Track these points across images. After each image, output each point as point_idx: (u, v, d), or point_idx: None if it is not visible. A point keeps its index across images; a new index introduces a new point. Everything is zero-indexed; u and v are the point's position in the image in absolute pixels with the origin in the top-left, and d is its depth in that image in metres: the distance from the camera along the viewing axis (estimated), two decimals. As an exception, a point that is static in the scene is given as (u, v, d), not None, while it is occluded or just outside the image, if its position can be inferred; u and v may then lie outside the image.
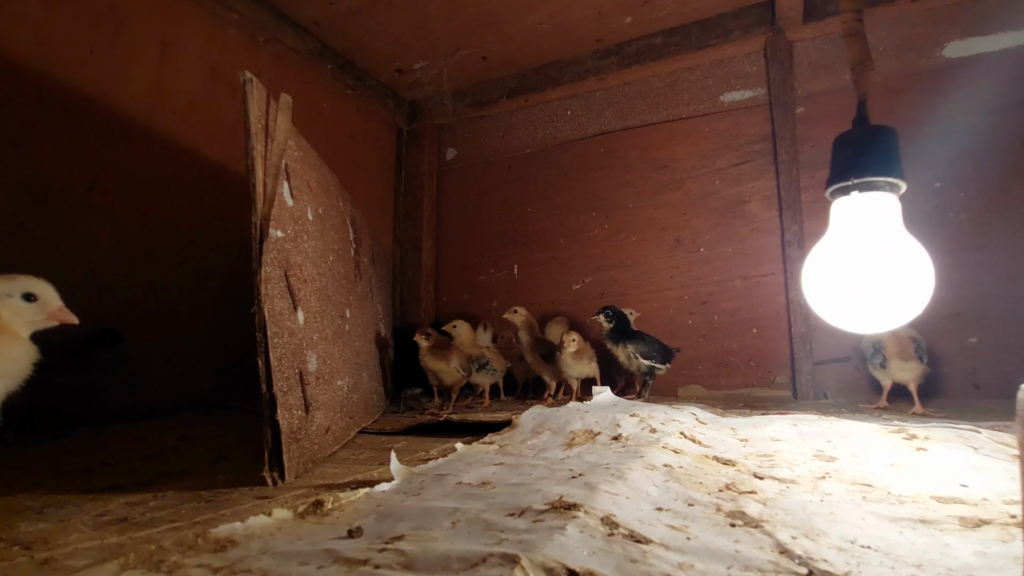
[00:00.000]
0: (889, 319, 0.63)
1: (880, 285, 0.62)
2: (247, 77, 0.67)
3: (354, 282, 1.13)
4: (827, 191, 0.68)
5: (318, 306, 0.84)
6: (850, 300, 0.64)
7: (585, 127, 1.73)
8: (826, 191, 0.68)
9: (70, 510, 0.53)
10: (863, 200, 0.64)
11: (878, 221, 0.64)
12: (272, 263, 0.68)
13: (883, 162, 0.63)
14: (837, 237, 0.66)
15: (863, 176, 0.63)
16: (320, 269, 0.88)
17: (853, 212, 0.65)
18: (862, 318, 0.64)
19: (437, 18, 1.47)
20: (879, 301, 0.63)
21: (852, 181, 0.64)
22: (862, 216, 0.64)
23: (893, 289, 0.62)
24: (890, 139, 0.64)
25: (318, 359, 0.80)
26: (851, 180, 0.64)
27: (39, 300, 0.59)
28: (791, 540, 0.40)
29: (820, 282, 0.68)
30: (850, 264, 0.64)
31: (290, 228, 0.76)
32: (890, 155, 0.64)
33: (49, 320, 0.61)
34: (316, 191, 0.92)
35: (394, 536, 0.40)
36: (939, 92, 1.27)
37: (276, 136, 0.73)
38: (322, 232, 0.92)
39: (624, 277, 1.61)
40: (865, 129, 0.65)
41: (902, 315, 0.62)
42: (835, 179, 0.66)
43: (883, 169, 0.63)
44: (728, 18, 1.48)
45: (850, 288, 0.64)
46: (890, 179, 0.63)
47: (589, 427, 0.83)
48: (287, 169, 0.76)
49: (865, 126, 0.66)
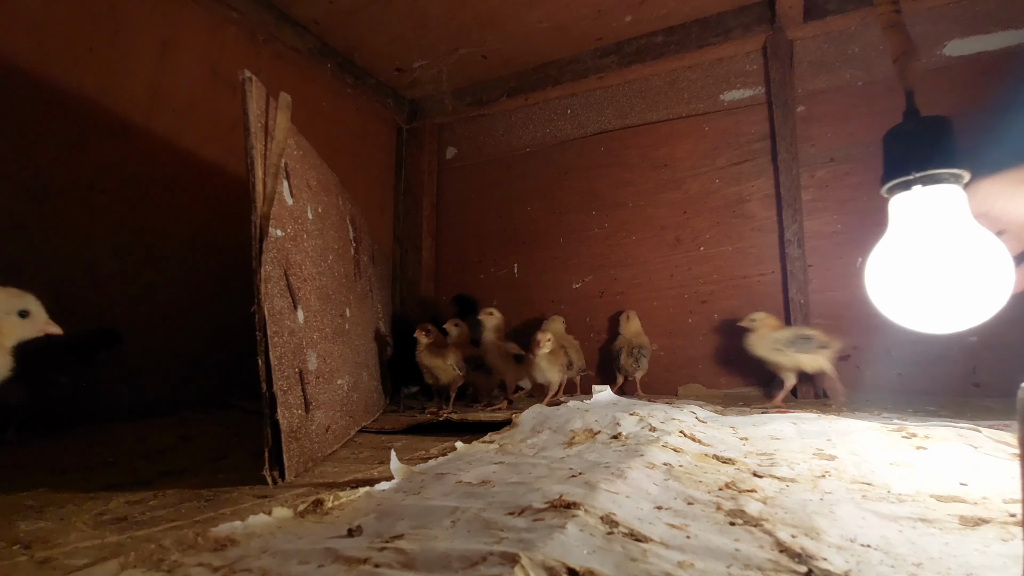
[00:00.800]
0: (969, 315, 0.59)
1: (958, 281, 0.58)
2: (246, 76, 0.67)
3: (354, 281, 1.13)
4: (883, 188, 0.64)
5: (318, 305, 0.84)
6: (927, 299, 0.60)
7: (585, 126, 1.72)
8: (882, 188, 0.64)
9: (70, 509, 0.52)
10: (927, 194, 0.61)
11: (946, 214, 0.60)
12: (272, 262, 0.68)
13: (944, 153, 0.60)
14: (902, 235, 0.62)
15: (925, 169, 0.60)
16: (320, 268, 0.87)
17: (917, 207, 0.62)
18: (939, 317, 0.61)
19: (437, 17, 1.47)
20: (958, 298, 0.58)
21: (913, 175, 0.60)
22: (928, 211, 0.61)
23: (973, 284, 0.58)
24: (947, 128, 0.61)
25: (318, 358, 0.80)
26: (912, 174, 0.60)
27: (31, 316, 0.64)
28: (791, 539, 0.40)
29: (889, 283, 0.64)
30: (921, 262, 0.60)
31: (290, 227, 0.75)
32: (950, 145, 0.60)
33: (38, 333, 0.66)
34: (316, 190, 0.92)
35: (394, 535, 0.40)
36: (940, 91, 1.27)
37: (276, 135, 0.73)
38: (322, 231, 0.92)
39: (624, 276, 1.61)
40: (919, 121, 0.62)
41: (983, 309, 0.59)
42: (892, 174, 0.62)
43: (945, 160, 0.59)
44: (728, 17, 1.48)
45: (927, 287, 0.60)
46: (953, 170, 0.59)
47: (589, 426, 0.83)
48: (287, 168, 0.76)
49: (917, 117, 0.63)
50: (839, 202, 1.36)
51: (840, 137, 1.38)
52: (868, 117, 1.35)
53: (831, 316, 1.34)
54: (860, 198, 1.32)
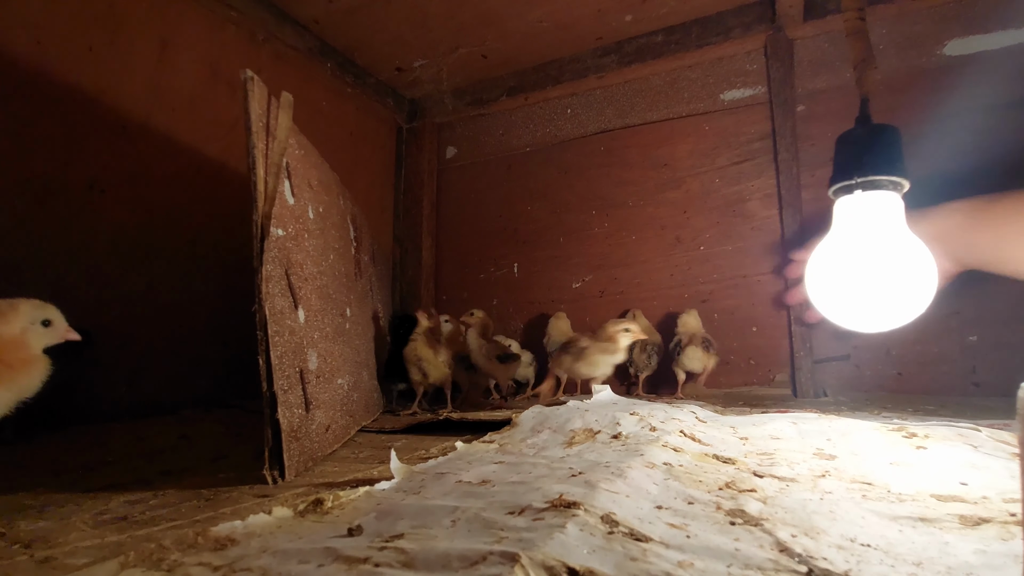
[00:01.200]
0: (893, 317, 0.63)
1: (884, 283, 0.62)
2: (248, 75, 0.67)
3: (355, 280, 1.13)
4: (830, 190, 0.68)
5: (319, 304, 0.83)
6: (854, 299, 0.65)
7: (585, 125, 1.72)
8: (829, 189, 0.68)
9: (70, 508, 0.52)
10: (866, 199, 0.64)
11: (881, 220, 0.64)
12: (273, 261, 0.68)
13: (886, 161, 0.63)
14: (840, 236, 0.66)
15: (867, 175, 0.63)
16: (321, 267, 0.87)
17: (856, 211, 0.65)
18: (866, 317, 0.64)
19: (437, 16, 1.47)
20: (883, 299, 0.63)
21: (855, 180, 0.64)
22: (865, 215, 0.65)
23: (897, 287, 0.62)
24: (893, 138, 0.64)
25: (319, 357, 0.80)
26: (854, 179, 0.64)
27: (53, 324, 0.67)
28: (791, 538, 0.40)
29: (823, 280, 0.68)
30: (853, 263, 0.64)
31: (291, 226, 0.75)
32: (893, 154, 0.64)
33: (60, 340, 0.68)
34: (317, 189, 0.91)
35: (394, 534, 0.40)
36: (940, 90, 1.27)
37: (277, 134, 0.73)
38: (323, 230, 0.91)
39: (624, 275, 1.61)
40: (868, 128, 0.66)
41: (906, 313, 0.63)
42: (838, 178, 0.66)
43: (886, 168, 0.63)
44: (728, 16, 1.47)
45: (854, 287, 0.64)
46: (893, 178, 0.63)
47: (589, 426, 0.83)
48: (288, 167, 0.76)
49: (868, 125, 0.66)
50: (839, 202, 1.36)
51: (840, 137, 1.38)
52: (868, 116, 1.35)
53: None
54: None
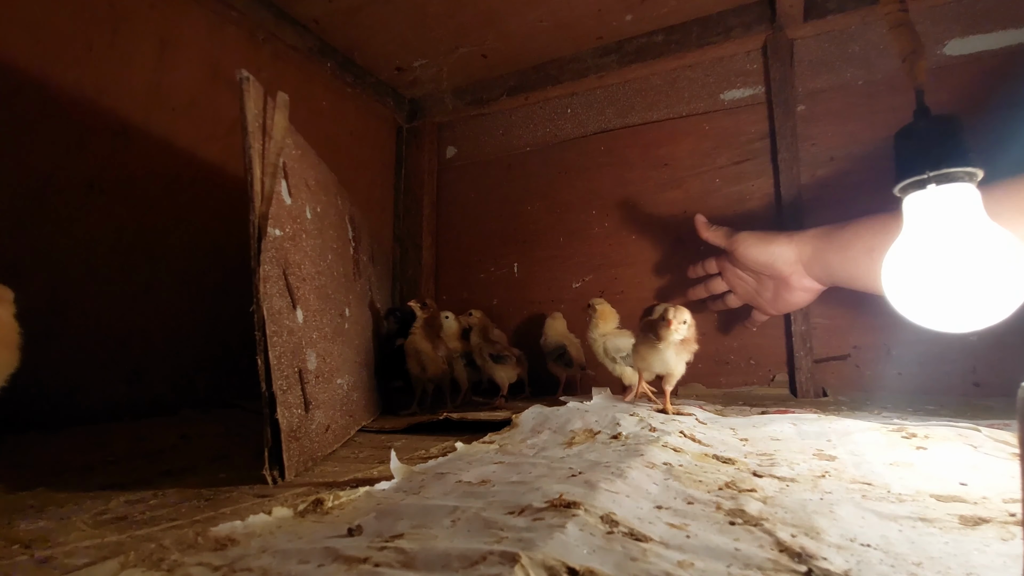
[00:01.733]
0: (987, 314, 0.59)
1: (977, 280, 0.58)
2: (244, 75, 0.67)
3: (353, 280, 1.13)
4: (896, 188, 0.64)
5: (317, 304, 0.83)
6: (943, 298, 0.60)
7: (585, 125, 1.72)
8: (895, 188, 0.64)
9: (70, 508, 0.52)
10: (941, 193, 0.61)
11: (962, 213, 0.60)
12: (270, 262, 0.68)
13: (957, 151, 0.60)
14: (918, 234, 0.62)
15: (939, 168, 0.60)
16: (319, 267, 0.87)
17: (932, 206, 0.62)
18: (957, 316, 0.60)
19: (437, 16, 1.47)
20: (976, 296, 0.58)
21: (928, 174, 0.60)
22: (943, 210, 0.61)
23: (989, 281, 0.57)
24: (957, 127, 0.61)
25: (317, 357, 0.80)
26: (926, 173, 0.60)
27: None
28: (791, 538, 0.40)
29: (906, 282, 0.64)
30: (937, 260, 0.60)
31: (288, 227, 0.75)
32: (962, 143, 0.60)
33: None
34: (314, 189, 0.91)
35: (394, 534, 0.40)
36: (940, 90, 1.27)
37: (274, 135, 0.73)
38: (321, 230, 0.91)
39: (625, 275, 1.61)
40: (930, 119, 0.62)
41: (1001, 309, 0.58)
42: (906, 174, 0.62)
43: (958, 159, 0.59)
44: (728, 16, 1.47)
45: (942, 286, 0.60)
46: (967, 168, 0.59)
47: (589, 426, 0.83)
48: (285, 168, 0.76)
49: (928, 116, 0.63)
50: (839, 201, 1.36)
51: (840, 136, 1.38)
52: (868, 116, 1.35)
53: (831, 315, 1.34)
54: (860, 197, 1.32)
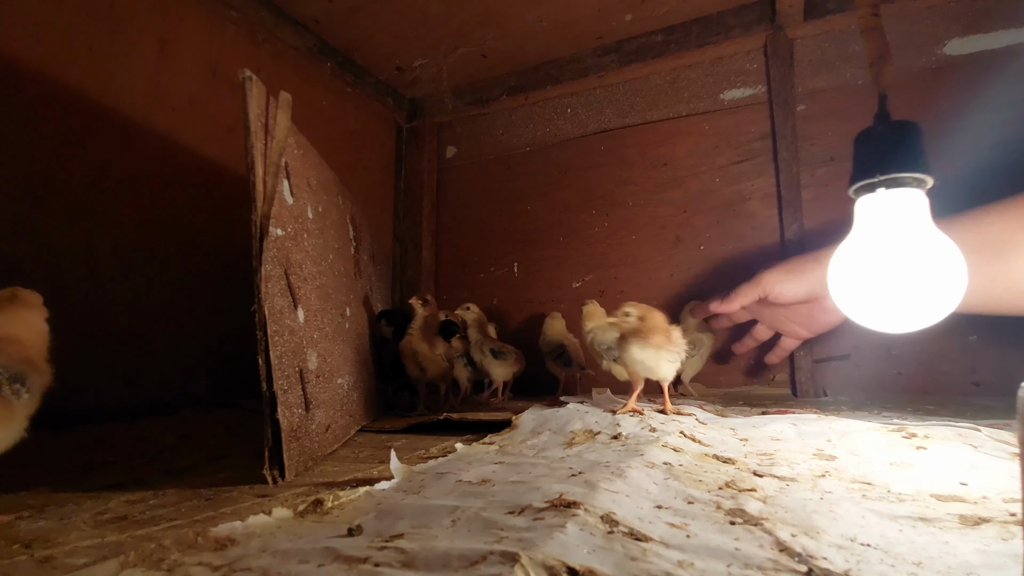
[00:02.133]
0: (924, 315, 0.61)
1: (913, 281, 0.60)
2: (247, 75, 0.67)
3: (354, 280, 1.13)
4: (850, 189, 0.65)
5: (319, 304, 0.84)
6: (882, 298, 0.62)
7: (585, 125, 1.72)
8: (849, 189, 0.65)
9: (70, 508, 0.53)
10: (890, 197, 0.62)
11: (906, 218, 0.61)
12: (272, 261, 0.68)
13: (909, 157, 0.61)
14: (864, 235, 0.64)
15: (889, 172, 0.61)
16: (320, 267, 0.87)
17: (880, 209, 0.63)
18: (895, 316, 0.62)
19: (437, 15, 1.47)
20: (913, 298, 0.60)
21: (878, 178, 0.61)
22: (889, 213, 0.62)
23: (926, 285, 0.59)
24: (914, 134, 0.62)
25: (318, 357, 0.80)
26: (876, 177, 0.62)
27: None
28: (791, 538, 0.40)
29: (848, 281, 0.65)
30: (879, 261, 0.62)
31: (290, 226, 0.76)
32: (915, 150, 0.61)
33: None
34: (316, 189, 0.92)
35: (394, 534, 0.40)
36: (940, 90, 1.27)
37: (276, 134, 0.73)
38: (322, 230, 0.92)
39: (624, 275, 1.61)
40: (888, 124, 0.63)
41: (936, 312, 0.60)
42: (859, 176, 0.63)
43: (909, 165, 0.61)
44: (728, 15, 1.47)
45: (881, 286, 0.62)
46: (916, 175, 0.60)
47: (589, 426, 0.83)
48: (287, 167, 0.76)
49: (888, 121, 0.63)
50: (839, 201, 1.36)
51: (840, 136, 1.38)
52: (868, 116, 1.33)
53: (831, 315, 1.34)
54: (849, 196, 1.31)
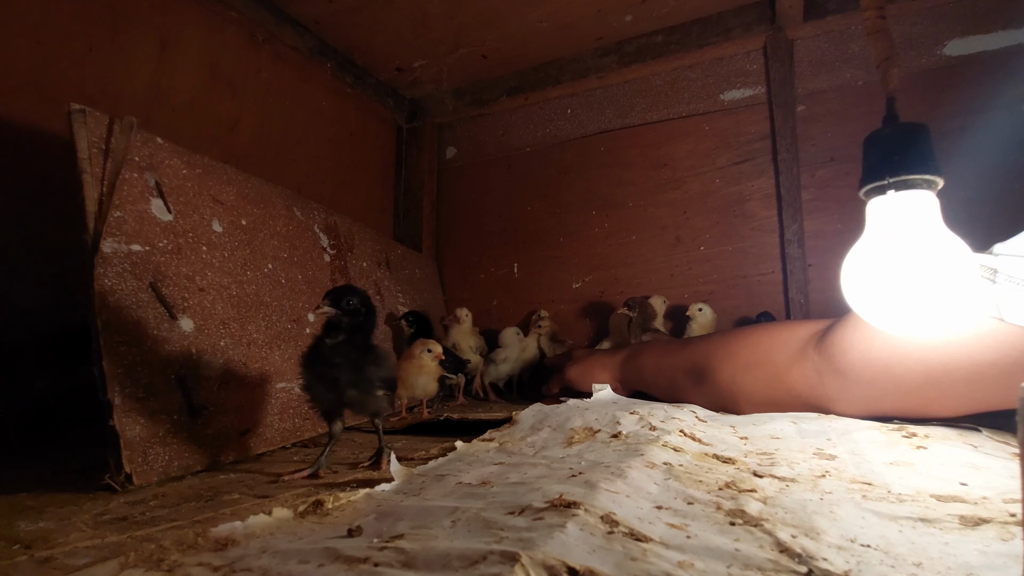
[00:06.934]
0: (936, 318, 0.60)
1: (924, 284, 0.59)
2: (75, 108, 0.71)
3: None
4: (861, 191, 0.65)
5: (233, 312, 0.87)
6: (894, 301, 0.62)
7: (585, 125, 1.72)
8: (860, 191, 0.66)
9: (70, 509, 0.53)
10: (900, 199, 0.62)
11: (918, 219, 0.61)
12: (116, 276, 0.72)
13: (919, 159, 0.61)
14: (876, 238, 0.64)
15: (899, 174, 0.61)
16: (243, 277, 0.92)
17: (891, 212, 0.63)
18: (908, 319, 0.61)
19: (437, 16, 1.47)
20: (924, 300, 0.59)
21: (888, 180, 0.61)
22: (900, 215, 0.62)
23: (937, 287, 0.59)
24: (924, 135, 0.62)
25: (232, 363, 0.84)
26: (887, 179, 0.61)
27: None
28: (791, 538, 0.40)
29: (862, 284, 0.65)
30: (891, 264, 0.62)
31: (163, 241, 0.79)
32: (925, 152, 0.61)
33: None
34: (233, 203, 0.95)
35: (394, 535, 0.40)
36: (940, 90, 1.27)
37: (114, 156, 0.76)
38: (248, 242, 0.96)
39: (624, 275, 1.61)
40: (897, 126, 0.63)
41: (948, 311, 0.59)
42: (870, 179, 0.63)
43: (919, 166, 0.61)
44: (728, 16, 1.47)
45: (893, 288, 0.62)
46: (927, 176, 0.60)
47: (589, 425, 0.83)
48: (159, 185, 0.80)
49: (896, 123, 0.64)
50: (839, 201, 1.36)
51: (840, 136, 1.38)
52: (868, 116, 1.35)
53: (831, 315, 1.34)
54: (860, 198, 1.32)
